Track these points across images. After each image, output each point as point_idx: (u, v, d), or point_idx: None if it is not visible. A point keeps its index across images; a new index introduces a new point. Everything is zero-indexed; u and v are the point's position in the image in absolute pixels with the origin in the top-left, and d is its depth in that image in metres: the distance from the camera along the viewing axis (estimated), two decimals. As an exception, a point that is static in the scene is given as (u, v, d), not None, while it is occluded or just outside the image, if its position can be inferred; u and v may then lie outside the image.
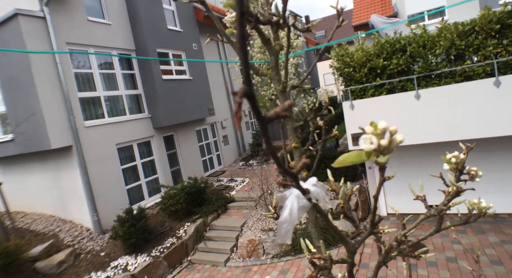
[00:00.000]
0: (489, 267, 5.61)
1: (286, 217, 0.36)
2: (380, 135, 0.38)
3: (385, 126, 0.38)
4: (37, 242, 7.08)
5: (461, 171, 0.78)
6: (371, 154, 0.38)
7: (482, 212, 0.89)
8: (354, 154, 0.40)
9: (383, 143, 0.37)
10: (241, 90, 0.29)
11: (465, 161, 0.79)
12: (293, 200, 0.37)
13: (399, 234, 0.67)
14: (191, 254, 7.94)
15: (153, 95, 9.63)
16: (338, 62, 7.73)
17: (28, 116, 7.12)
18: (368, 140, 0.38)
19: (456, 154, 0.81)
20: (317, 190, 0.38)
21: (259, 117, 0.31)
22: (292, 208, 0.36)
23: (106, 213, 7.90)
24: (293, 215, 0.36)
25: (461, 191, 0.66)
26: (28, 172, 8.78)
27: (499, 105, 6.01)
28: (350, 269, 0.63)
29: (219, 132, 13.51)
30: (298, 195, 0.37)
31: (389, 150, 0.38)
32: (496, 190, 7.14)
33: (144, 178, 9.47)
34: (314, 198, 0.37)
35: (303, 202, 0.38)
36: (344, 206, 0.54)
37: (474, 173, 0.83)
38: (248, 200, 9.04)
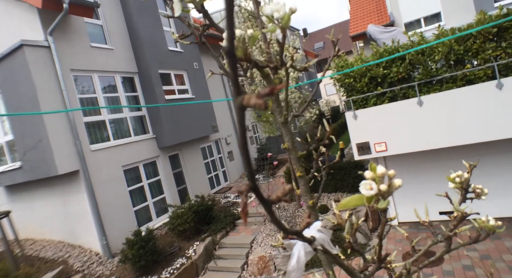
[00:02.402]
0: (508, 273, 5.44)
1: (294, 266, 0.37)
2: (379, 180, 0.39)
3: (383, 171, 0.39)
4: (46, 269, 7.04)
5: (467, 190, 0.78)
6: (372, 199, 0.39)
7: (491, 231, 0.88)
8: (356, 198, 0.41)
9: (382, 188, 0.38)
10: (246, 188, 0.30)
11: (469, 179, 0.79)
12: (300, 248, 0.38)
13: (407, 263, 0.67)
14: (201, 274, 7.83)
15: (157, 115, 9.74)
16: (338, 74, 7.79)
17: (35, 144, 7.22)
18: (368, 185, 0.39)
19: (460, 173, 0.81)
20: (322, 235, 0.39)
21: (263, 202, 0.33)
22: (300, 256, 0.37)
23: (114, 236, 7.87)
24: (301, 262, 0.37)
25: (466, 216, 0.66)
26: (36, 199, 8.83)
27: (503, 107, 5.98)
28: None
29: (223, 148, 13.54)
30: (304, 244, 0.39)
31: (388, 194, 0.39)
32: (508, 193, 7.01)
33: (151, 199, 9.47)
34: (319, 244, 0.38)
35: (309, 249, 0.39)
36: (351, 240, 0.54)
37: (480, 191, 0.83)
38: (257, 215, 8.96)
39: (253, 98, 0.32)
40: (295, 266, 0.37)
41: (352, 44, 22.27)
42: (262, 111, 8.21)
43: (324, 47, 31.91)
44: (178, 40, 1.32)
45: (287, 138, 0.80)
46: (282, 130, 0.80)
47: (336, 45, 0.94)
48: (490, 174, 7.11)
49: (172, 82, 10.71)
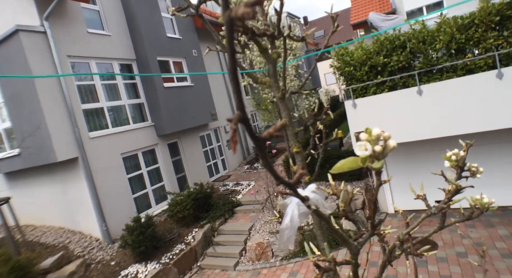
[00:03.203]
0: (500, 260, 5.54)
1: (287, 224, 0.38)
2: (374, 141, 0.40)
3: (378, 133, 0.40)
4: (47, 254, 7.13)
5: (462, 168, 0.79)
6: (366, 159, 0.40)
7: (485, 208, 0.89)
8: (351, 160, 0.42)
9: (377, 148, 0.39)
10: (236, 117, 0.30)
11: (465, 158, 0.80)
12: (294, 207, 0.39)
13: (401, 234, 0.69)
14: (200, 260, 7.95)
15: (156, 103, 9.70)
16: (338, 62, 7.74)
17: (34, 131, 7.20)
18: (362, 146, 0.39)
19: (456, 151, 0.82)
20: (316, 196, 0.39)
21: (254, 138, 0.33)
22: (293, 215, 0.38)
23: (114, 223, 7.94)
24: (294, 222, 0.38)
25: (461, 189, 0.67)
26: (36, 186, 8.87)
27: (503, 97, 5.97)
28: (354, 270, 0.64)
29: (222, 137, 13.55)
30: (298, 203, 0.39)
31: (383, 155, 0.40)
32: (504, 183, 7.07)
33: (150, 186, 9.52)
34: (313, 204, 0.39)
35: (304, 208, 0.39)
36: (345, 208, 0.55)
37: (475, 170, 0.84)
38: (255, 203, 9.04)
39: (241, 8, 0.31)
40: (288, 224, 0.38)
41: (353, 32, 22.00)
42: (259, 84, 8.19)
43: (325, 36, 31.56)
44: (174, 13, 1.30)
45: (284, 113, 0.80)
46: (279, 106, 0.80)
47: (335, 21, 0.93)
48: (487, 163, 7.16)
49: (170, 69, 10.62)
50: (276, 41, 0.77)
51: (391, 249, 0.68)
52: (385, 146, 0.40)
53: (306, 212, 0.40)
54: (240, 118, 0.31)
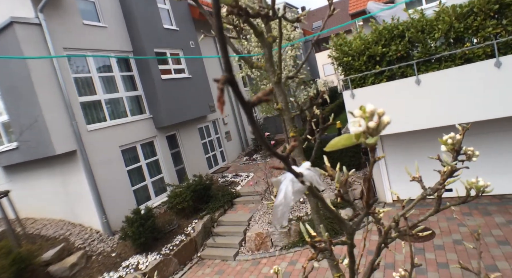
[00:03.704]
0: (496, 247, 5.62)
1: (281, 200, 0.38)
2: (368, 118, 0.40)
3: (372, 109, 0.40)
4: (48, 247, 7.19)
5: (458, 152, 0.79)
6: (360, 136, 0.40)
7: (480, 191, 0.90)
8: (345, 137, 0.42)
9: (371, 125, 0.39)
10: (223, 78, 0.30)
11: (461, 141, 0.80)
12: (288, 183, 0.39)
13: (396, 215, 0.69)
14: (200, 250, 8.04)
15: (153, 95, 9.65)
16: (336, 52, 7.69)
17: (31, 124, 7.17)
18: (356, 122, 0.39)
19: (453, 135, 0.82)
20: (311, 173, 0.40)
21: (242, 102, 0.33)
22: (287, 192, 0.38)
23: (114, 215, 7.99)
24: (288, 198, 0.38)
25: (456, 170, 0.67)
26: (35, 179, 8.88)
27: (500, 86, 5.97)
28: (350, 250, 0.65)
29: (221, 128, 13.54)
30: (292, 179, 0.39)
31: (377, 132, 0.40)
32: (501, 171, 7.12)
33: (149, 178, 9.55)
34: (307, 181, 0.39)
35: (298, 185, 0.40)
36: (341, 189, 0.56)
37: (471, 153, 0.84)
38: (254, 194, 9.10)
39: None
40: (282, 200, 0.38)
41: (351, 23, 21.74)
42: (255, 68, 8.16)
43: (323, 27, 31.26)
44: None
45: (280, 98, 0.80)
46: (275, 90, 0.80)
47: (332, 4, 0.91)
48: (485, 152, 7.19)
49: (168, 61, 10.53)
50: (271, 24, 0.76)
51: (386, 230, 0.69)
52: (379, 122, 0.40)
53: (301, 189, 0.40)
54: (227, 80, 0.31)
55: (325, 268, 6.17)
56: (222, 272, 7.08)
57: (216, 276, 6.95)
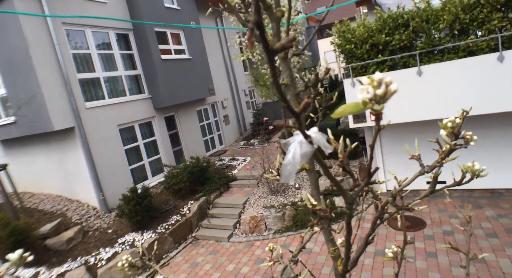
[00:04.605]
0: (485, 240, 5.77)
1: (289, 160, 0.40)
2: (376, 86, 0.42)
3: (380, 77, 0.41)
4: (46, 221, 7.28)
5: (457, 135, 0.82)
6: (367, 103, 0.42)
7: (475, 174, 0.93)
8: (353, 105, 0.44)
9: (378, 92, 0.41)
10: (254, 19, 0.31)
11: (461, 125, 0.83)
12: (296, 146, 0.41)
13: (394, 189, 0.72)
14: (195, 231, 8.18)
15: (153, 75, 9.56)
16: (339, 39, 7.61)
17: (29, 99, 7.12)
18: (365, 90, 0.41)
19: (452, 118, 0.84)
20: (318, 136, 0.42)
21: (266, 48, 0.34)
22: (295, 153, 0.40)
23: (111, 192, 8.07)
24: (296, 158, 0.40)
25: (454, 148, 0.70)
26: (33, 154, 8.89)
27: (502, 81, 5.96)
28: (348, 221, 0.68)
29: (220, 112, 13.50)
30: (301, 141, 0.41)
31: (384, 99, 0.42)
32: (495, 166, 7.21)
33: (147, 158, 9.59)
34: (315, 143, 0.41)
35: (305, 149, 0.42)
36: (343, 160, 0.58)
37: (469, 137, 0.87)
38: (250, 178, 9.19)
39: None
40: (291, 160, 0.40)
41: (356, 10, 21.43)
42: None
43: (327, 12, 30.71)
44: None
45: (285, 74, 0.81)
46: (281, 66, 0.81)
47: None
48: (478, 146, 7.26)
49: (168, 41, 10.38)
50: (280, 0, 0.77)
51: (383, 205, 0.72)
52: (387, 90, 0.42)
53: (308, 153, 0.42)
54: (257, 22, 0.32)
55: (316, 252, 6.32)
56: (216, 252, 7.24)
57: (210, 256, 7.11)
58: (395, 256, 0.95)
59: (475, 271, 4.99)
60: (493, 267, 5.05)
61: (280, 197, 8.21)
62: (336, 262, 0.93)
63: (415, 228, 6.57)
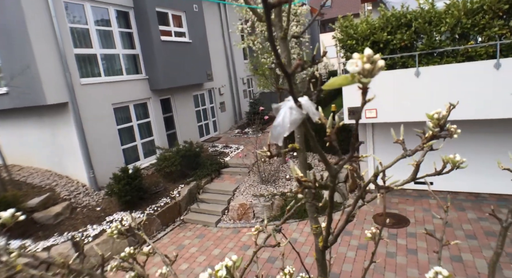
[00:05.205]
0: (464, 240, 5.94)
1: (279, 122, 0.43)
2: (365, 61, 0.45)
3: (370, 53, 0.45)
4: (34, 194, 7.27)
5: (442, 127, 0.86)
6: (355, 76, 0.45)
7: (456, 165, 0.98)
8: (342, 77, 0.47)
9: (366, 66, 0.44)
10: None
11: (447, 117, 0.87)
12: (286, 110, 0.44)
13: (376, 169, 0.77)
14: (184, 214, 8.26)
15: (151, 56, 9.46)
16: (341, 34, 7.60)
17: (23, 70, 7.00)
18: (354, 63, 0.44)
19: (439, 110, 0.89)
20: (308, 103, 0.45)
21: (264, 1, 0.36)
22: (285, 116, 0.44)
23: (102, 171, 8.06)
24: (285, 121, 0.44)
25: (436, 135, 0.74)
26: (24, 127, 8.79)
27: (496, 89, 6.03)
28: (331, 194, 0.73)
29: (216, 98, 13.46)
30: (291, 107, 0.45)
31: (371, 74, 0.45)
32: (479, 170, 7.33)
33: (140, 139, 9.57)
34: (304, 109, 0.45)
35: (295, 114, 0.45)
36: (331, 135, 0.62)
37: (454, 130, 0.91)
38: (242, 166, 9.25)
39: None
40: (280, 122, 0.44)
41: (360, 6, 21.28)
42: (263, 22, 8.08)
43: (332, 7, 30.51)
44: None
45: (284, 54, 0.84)
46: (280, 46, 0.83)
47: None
48: (464, 151, 7.40)
49: (169, 22, 10.23)
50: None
51: (366, 184, 0.76)
52: (375, 66, 0.46)
53: (297, 119, 0.45)
54: None
55: (301, 242, 6.45)
56: (203, 236, 7.34)
57: (197, 239, 7.20)
58: (373, 236, 1.00)
59: (452, 269, 5.17)
60: (469, 266, 5.22)
61: (270, 186, 8.31)
62: (317, 239, 0.98)
63: (399, 225, 6.73)
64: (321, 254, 0.98)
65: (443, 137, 0.92)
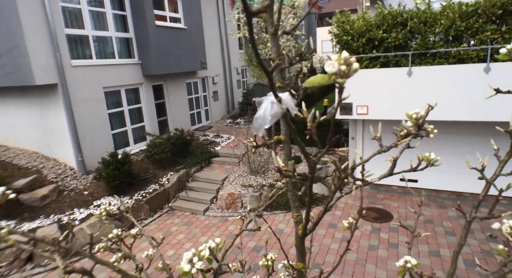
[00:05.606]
0: (443, 237, 6.16)
1: (261, 114, 0.47)
2: (341, 63, 0.49)
3: (346, 56, 0.49)
4: (20, 176, 7.19)
5: (420, 127, 0.91)
6: (332, 76, 0.49)
7: (430, 163, 1.03)
8: (320, 77, 0.51)
9: (342, 68, 0.48)
10: None
11: (425, 117, 0.92)
12: (268, 104, 0.48)
13: (353, 163, 0.82)
14: (172, 201, 8.30)
15: (145, 40, 9.31)
16: (337, 29, 7.61)
17: (11, 48, 6.83)
18: (331, 65, 0.49)
19: (418, 110, 0.93)
20: (288, 98, 0.49)
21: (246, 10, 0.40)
22: (266, 109, 0.48)
23: (90, 155, 8.00)
24: (266, 114, 0.48)
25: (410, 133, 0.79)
26: (11, 107, 8.62)
27: (485, 92, 6.15)
28: (310, 185, 0.78)
29: (209, 87, 13.38)
30: (272, 101, 0.49)
31: (347, 75, 0.49)
32: (460, 171, 7.51)
33: (130, 125, 9.49)
34: (284, 104, 0.49)
35: (275, 108, 0.49)
36: (311, 129, 0.66)
37: (430, 130, 0.96)
38: (232, 156, 9.30)
39: None
40: (261, 114, 0.48)
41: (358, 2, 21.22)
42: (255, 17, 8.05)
43: (330, 1, 30.34)
44: None
45: (273, 49, 0.87)
46: (271, 42, 0.87)
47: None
48: (450, 152, 7.58)
49: (164, 7, 10.06)
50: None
51: (344, 176, 0.81)
52: (350, 68, 0.50)
53: (278, 113, 0.49)
54: None
55: (286, 233, 6.59)
56: (190, 223, 7.41)
57: (184, 226, 7.27)
58: (350, 226, 1.07)
59: (429, 264, 5.38)
60: (446, 261, 5.43)
61: (259, 177, 8.40)
62: (297, 226, 1.03)
63: (382, 220, 6.92)
64: (300, 241, 1.04)
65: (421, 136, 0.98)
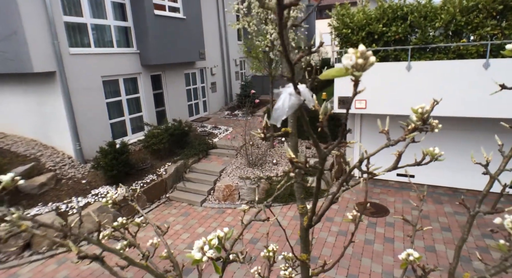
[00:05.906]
0: (439, 232, 6.25)
1: (279, 106, 0.49)
2: (358, 56, 0.50)
3: (363, 49, 0.50)
4: (18, 163, 7.17)
5: (425, 121, 0.92)
6: (348, 69, 0.51)
7: (434, 157, 1.05)
8: (336, 69, 0.52)
9: (359, 61, 0.50)
10: None
11: (430, 112, 0.93)
12: (286, 96, 0.50)
13: (361, 156, 0.84)
14: (169, 192, 8.33)
15: (144, 30, 9.21)
16: (337, 22, 7.58)
17: (9, 35, 6.73)
18: (349, 57, 0.50)
19: (423, 105, 0.94)
20: (306, 90, 0.50)
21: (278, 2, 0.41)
22: (285, 100, 0.49)
23: (88, 144, 7.98)
24: (285, 106, 0.49)
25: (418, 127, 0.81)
26: (8, 94, 8.53)
27: (484, 88, 6.18)
28: (319, 176, 0.79)
29: (208, 78, 13.31)
30: (290, 93, 0.50)
31: (363, 68, 0.51)
32: (457, 167, 7.61)
33: (128, 114, 9.45)
34: (302, 96, 0.50)
35: (293, 100, 0.50)
36: (323, 122, 0.67)
37: (435, 125, 0.98)
38: (230, 148, 9.32)
39: None
40: (280, 106, 0.49)
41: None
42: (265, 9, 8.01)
43: (331, -7, 30.00)
44: None
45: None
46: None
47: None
48: (446, 148, 7.63)
49: (163, -6, 9.92)
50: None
51: (351, 169, 0.83)
52: (367, 61, 0.51)
53: (295, 104, 0.51)
54: None
55: (284, 226, 6.65)
56: (187, 214, 7.46)
57: (181, 217, 7.32)
58: (354, 218, 1.09)
59: (424, 259, 5.47)
60: (441, 257, 5.52)
61: (257, 170, 8.43)
62: (302, 218, 1.06)
63: (379, 215, 7.01)
64: (305, 232, 1.06)
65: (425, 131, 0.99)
